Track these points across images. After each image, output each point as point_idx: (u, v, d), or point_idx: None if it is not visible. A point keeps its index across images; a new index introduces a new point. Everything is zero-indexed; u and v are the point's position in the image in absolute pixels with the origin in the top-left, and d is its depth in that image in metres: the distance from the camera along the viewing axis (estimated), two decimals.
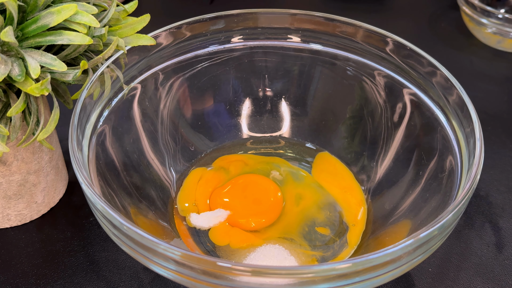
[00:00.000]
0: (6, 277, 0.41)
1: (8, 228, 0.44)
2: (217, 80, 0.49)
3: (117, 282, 0.41)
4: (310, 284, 0.29)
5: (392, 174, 0.44)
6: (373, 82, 0.46)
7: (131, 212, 0.39)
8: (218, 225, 0.43)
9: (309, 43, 0.48)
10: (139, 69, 0.44)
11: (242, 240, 0.42)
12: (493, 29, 0.66)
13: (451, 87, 0.40)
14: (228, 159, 0.49)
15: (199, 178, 0.46)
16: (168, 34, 0.44)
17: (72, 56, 0.35)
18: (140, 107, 0.45)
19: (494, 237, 0.45)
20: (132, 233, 0.30)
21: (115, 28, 0.38)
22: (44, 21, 0.32)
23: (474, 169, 0.34)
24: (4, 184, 0.41)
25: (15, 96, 0.36)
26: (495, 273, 0.42)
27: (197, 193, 0.45)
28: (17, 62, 0.32)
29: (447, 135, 0.40)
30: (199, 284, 0.30)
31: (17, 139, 0.39)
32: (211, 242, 0.42)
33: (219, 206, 0.44)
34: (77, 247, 0.43)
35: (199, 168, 0.47)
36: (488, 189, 0.49)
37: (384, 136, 0.46)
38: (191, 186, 0.46)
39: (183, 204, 0.44)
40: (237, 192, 0.45)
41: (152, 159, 0.45)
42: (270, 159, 0.49)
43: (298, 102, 0.51)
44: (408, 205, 0.41)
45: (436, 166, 0.41)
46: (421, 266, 0.42)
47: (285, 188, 0.46)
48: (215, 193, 0.45)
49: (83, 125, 0.38)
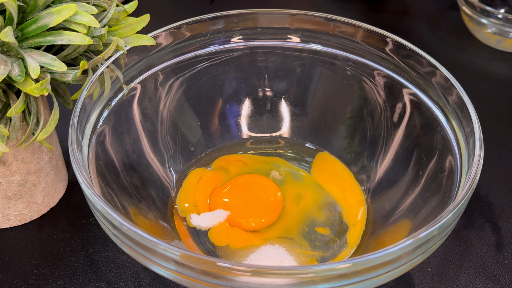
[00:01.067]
0: (6, 277, 0.41)
1: (8, 228, 0.44)
2: (217, 80, 0.49)
3: (117, 282, 0.41)
4: (310, 284, 0.29)
5: (392, 174, 0.44)
6: (373, 82, 0.46)
7: (131, 212, 0.39)
8: (217, 225, 0.43)
9: (309, 43, 0.48)
10: (139, 69, 0.44)
11: (242, 240, 0.42)
12: (493, 29, 0.66)
13: (450, 87, 0.40)
14: (228, 159, 0.49)
15: (198, 179, 0.46)
16: (168, 34, 0.44)
17: (72, 56, 0.35)
18: (140, 107, 0.45)
19: (494, 237, 0.45)
20: (132, 233, 0.30)
21: (115, 28, 0.38)
22: (44, 21, 0.32)
23: (473, 169, 0.34)
24: (4, 184, 0.41)
25: (15, 96, 0.36)
26: (495, 273, 0.42)
27: (197, 193, 0.45)
28: (17, 62, 0.32)
29: (447, 135, 0.40)
30: (199, 284, 0.30)
31: (17, 139, 0.39)
32: (211, 242, 0.42)
33: (219, 207, 0.44)
34: (77, 247, 0.43)
35: (199, 169, 0.47)
36: (488, 189, 0.49)
37: (384, 136, 0.46)
38: (191, 186, 0.46)
39: (183, 205, 0.44)
40: (237, 192, 0.45)
41: (152, 159, 0.45)
42: (269, 159, 0.49)
43: (298, 102, 0.51)
44: (407, 205, 0.41)
45: (435, 166, 0.41)
46: (421, 266, 0.42)
47: (285, 188, 0.46)
48: (215, 193, 0.45)
49: (83, 125, 0.38)
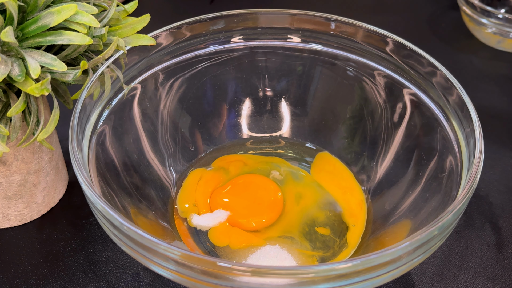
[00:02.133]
0: (6, 277, 0.41)
1: (8, 228, 0.44)
2: (217, 80, 0.49)
3: (117, 282, 0.41)
4: (310, 284, 0.29)
5: (392, 174, 0.44)
6: (373, 82, 0.46)
7: (131, 212, 0.39)
8: (218, 225, 0.43)
9: (309, 43, 0.48)
10: (139, 69, 0.44)
11: (242, 240, 0.42)
12: (493, 29, 0.66)
13: (451, 87, 0.40)
14: (228, 159, 0.49)
15: (198, 179, 0.46)
16: (168, 34, 0.44)
17: (72, 56, 0.35)
18: (140, 107, 0.45)
19: (494, 237, 0.45)
20: (132, 233, 0.30)
21: (115, 28, 0.38)
22: (44, 21, 0.32)
23: (474, 169, 0.34)
24: (4, 184, 0.41)
25: (15, 96, 0.36)
26: (495, 273, 0.42)
27: (197, 193, 0.45)
28: (17, 62, 0.32)
29: (447, 135, 0.40)
30: (199, 284, 0.30)
31: (17, 139, 0.39)
32: (211, 242, 0.42)
33: (219, 207, 0.44)
34: (77, 247, 0.43)
35: (199, 169, 0.47)
36: (488, 189, 0.49)
37: (384, 136, 0.46)
38: (191, 187, 0.46)
39: (183, 205, 0.44)
40: (237, 192, 0.45)
41: (152, 159, 0.45)
42: (269, 159, 0.49)
43: (298, 102, 0.51)
44: (408, 205, 0.41)
45: (436, 166, 0.40)
46: (421, 266, 0.42)
47: (285, 188, 0.46)
48: (215, 194, 0.45)
49: (83, 125, 0.38)
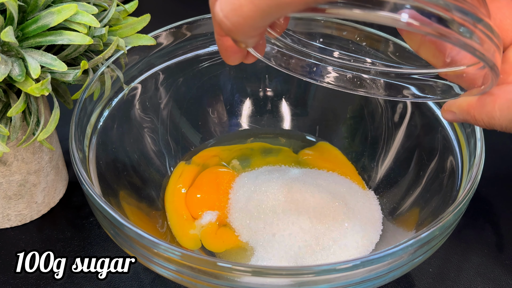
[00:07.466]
0: (6, 277, 0.41)
1: (8, 228, 0.44)
2: (217, 80, 0.49)
3: (117, 282, 0.41)
4: (311, 284, 0.29)
5: (392, 174, 0.44)
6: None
7: (131, 212, 0.39)
8: (207, 230, 0.42)
9: None
10: (139, 69, 0.44)
11: (233, 240, 0.42)
12: None
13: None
14: (205, 155, 0.48)
15: (179, 175, 0.46)
16: (168, 34, 0.44)
17: (72, 56, 0.35)
18: (140, 107, 0.45)
19: (495, 237, 0.45)
20: (132, 233, 0.30)
21: (115, 28, 0.38)
22: (44, 21, 0.32)
23: (475, 169, 0.34)
24: (4, 184, 0.41)
25: (15, 96, 0.36)
26: (495, 273, 0.42)
27: (183, 206, 0.44)
28: (18, 62, 0.32)
29: (448, 135, 0.40)
30: (199, 284, 0.30)
31: (17, 139, 0.39)
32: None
33: (204, 210, 0.43)
34: (77, 247, 0.43)
35: (179, 165, 0.47)
36: (489, 189, 0.49)
37: (385, 136, 0.46)
38: (176, 197, 0.44)
39: (178, 229, 0.43)
40: (208, 190, 0.45)
41: (152, 159, 0.45)
42: (246, 146, 0.49)
43: (299, 102, 0.50)
44: (408, 205, 0.41)
45: (436, 166, 0.40)
46: (422, 267, 0.42)
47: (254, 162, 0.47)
48: (191, 201, 0.44)
49: (84, 125, 0.38)
